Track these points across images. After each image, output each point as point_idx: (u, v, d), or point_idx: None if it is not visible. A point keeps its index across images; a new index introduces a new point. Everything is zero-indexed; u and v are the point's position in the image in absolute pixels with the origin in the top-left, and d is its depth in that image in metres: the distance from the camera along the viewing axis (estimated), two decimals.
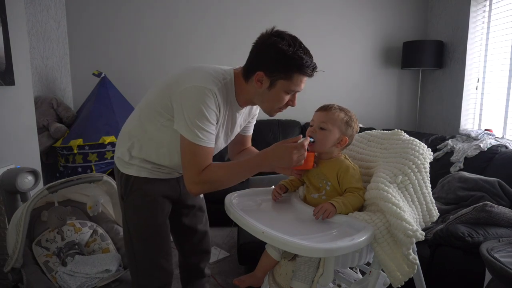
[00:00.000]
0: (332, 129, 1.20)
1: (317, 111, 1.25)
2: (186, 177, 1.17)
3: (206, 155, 1.17)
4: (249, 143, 1.56)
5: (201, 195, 1.60)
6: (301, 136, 1.18)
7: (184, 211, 1.51)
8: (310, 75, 1.19)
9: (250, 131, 1.54)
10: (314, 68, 1.18)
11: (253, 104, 1.31)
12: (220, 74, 1.21)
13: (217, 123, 1.21)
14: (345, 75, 3.80)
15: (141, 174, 1.30)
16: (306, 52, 1.16)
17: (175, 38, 3.60)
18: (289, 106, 1.26)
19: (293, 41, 1.14)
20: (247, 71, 1.21)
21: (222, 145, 1.38)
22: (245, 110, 1.38)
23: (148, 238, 1.33)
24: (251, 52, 1.21)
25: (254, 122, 1.53)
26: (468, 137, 2.80)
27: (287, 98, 1.21)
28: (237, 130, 1.42)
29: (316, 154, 1.24)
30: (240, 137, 1.52)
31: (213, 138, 1.19)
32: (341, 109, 1.23)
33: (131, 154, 1.30)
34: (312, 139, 1.20)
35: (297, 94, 1.24)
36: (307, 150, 1.15)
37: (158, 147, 1.27)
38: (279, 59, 1.13)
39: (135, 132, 1.30)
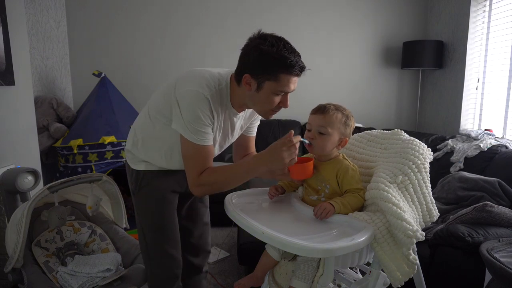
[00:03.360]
0: (331, 133, 1.19)
1: (313, 113, 1.23)
2: (188, 179, 1.23)
3: (205, 154, 1.21)
4: (253, 147, 1.56)
5: None
6: (292, 132, 1.15)
7: (185, 202, 1.55)
8: (297, 75, 1.17)
9: (254, 132, 1.53)
10: (301, 67, 1.17)
11: (247, 107, 1.31)
12: (216, 80, 1.23)
13: (212, 127, 1.23)
14: (345, 75, 3.79)
15: (150, 168, 1.36)
16: (292, 51, 1.14)
17: (174, 38, 3.60)
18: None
19: (277, 42, 1.14)
20: (237, 74, 1.22)
21: (222, 147, 1.41)
22: (244, 113, 1.38)
23: (159, 230, 1.40)
24: (239, 56, 1.21)
25: (258, 123, 1.52)
26: (468, 137, 2.79)
27: (277, 99, 1.20)
28: (238, 132, 1.44)
29: (314, 160, 1.24)
30: (244, 138, 1.52)
31: (211, 138, 1.22)
32: (337, 108, 1.21)
33: (137, 149, 1.36)
34: (307, 141, 1.20)
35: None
36: (309, 153, 1.15)
37: (161, 146, 1.32)
38: (262, 60, 1.14)
39: (143, 128, 1.35)
